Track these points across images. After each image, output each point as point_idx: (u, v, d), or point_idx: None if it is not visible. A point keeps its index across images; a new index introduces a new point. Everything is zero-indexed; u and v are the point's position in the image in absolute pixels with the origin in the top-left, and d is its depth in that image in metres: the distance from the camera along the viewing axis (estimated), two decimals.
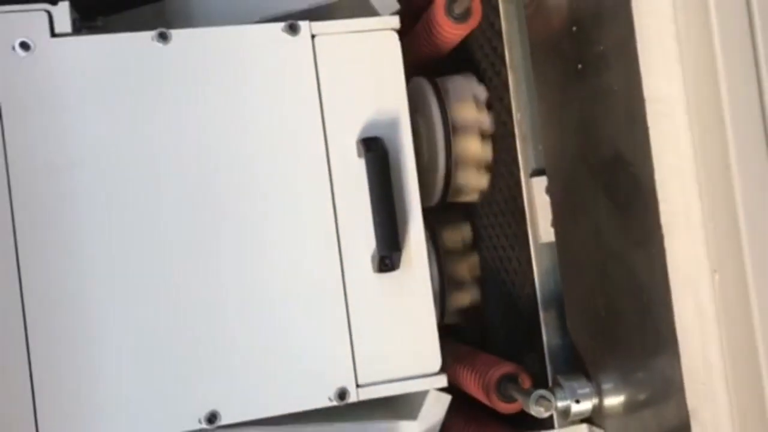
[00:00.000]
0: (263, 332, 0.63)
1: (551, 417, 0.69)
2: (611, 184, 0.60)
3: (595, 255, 0.64)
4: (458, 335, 0.91)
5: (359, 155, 0.63)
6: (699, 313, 0.54)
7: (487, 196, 0.81)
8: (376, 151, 0.61)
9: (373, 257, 0.65)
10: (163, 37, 0.62)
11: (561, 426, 0.70)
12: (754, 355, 0.52)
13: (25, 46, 0.59)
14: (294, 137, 0.64)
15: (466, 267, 0.86)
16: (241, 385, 0.63)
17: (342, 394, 0.63)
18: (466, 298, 0.86)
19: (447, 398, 0.73)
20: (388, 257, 0.63)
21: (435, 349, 0.67)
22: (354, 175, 0.64)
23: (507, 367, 0.74)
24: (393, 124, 0.64)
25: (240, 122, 0.63)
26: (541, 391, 0.67)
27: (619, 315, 0.62)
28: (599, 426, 0.68)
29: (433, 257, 0.82)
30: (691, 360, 0.54)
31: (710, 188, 0.53)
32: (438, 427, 0.72)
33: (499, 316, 0.83)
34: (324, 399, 0.63)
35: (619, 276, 0.61)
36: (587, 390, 0.67)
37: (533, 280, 0.74)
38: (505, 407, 0.73)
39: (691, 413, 0.54)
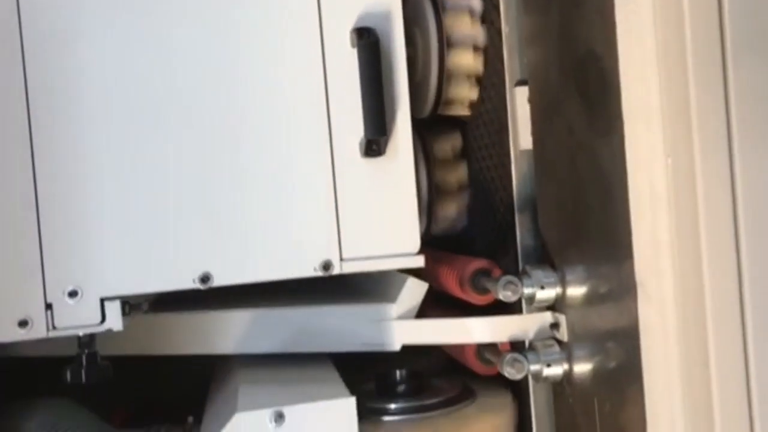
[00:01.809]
0: (256, 204, 0.69)
1: (519, 303, 0.75)
2: (582, 80, 0.65)
3: (566, 151, 0.70)
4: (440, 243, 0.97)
5: (352, 45, 0.69)
6: (652, 194, 0.59)
7: (474, 107, 0.86)
8: (368, 39, 0.66)
9: (360, 143, 0.70)
10: None
11: (528, 312, 0.76)
12: (697, 234, 0.58)
13: None
14: (288, 25, 0.69)
15: (455, 177, 0.91)
16: (233, 251, 0.68)
17: (326, 265, 0.69)
18: (453, 207, 0.91)
19: (424, 285, 0.79)
20: (375, 142, 0.69)
21: (414, 232, 0.73)
22: (347, 65, 0.69)
23: (481, 263, 0.79)
24: (386, 17, 0.69)
25: (232, 7, 0.68)
26: (509, 277, 0.72)
27: (585, 205, 0.68)
28: (561, 313, 0.73)
29: (423, 166, 0.87)
30: (642, 237, 0.59)
31: (668, 81, 0.58)
32: (414, 312, 0.78)
33: (478, 223, 0.89)
34: (309, 269, 0.69)
35: (586, 166, 0.66)
36: (552, 279, 0.73)
37: (511, 184, 0.79)
38: (478, 298, 0.79)
39: (638, 285, 0.60)
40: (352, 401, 0.69)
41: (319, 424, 0.69)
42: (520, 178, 0.79)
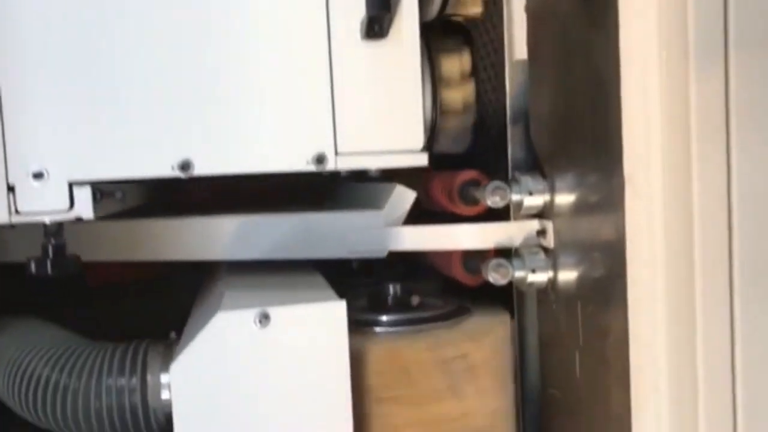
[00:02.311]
0: (244, 90, 0.65)
1: (508, 210, 0.75)
2: None
3: (560, 54, 0.69)
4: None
5: None
6: (645, 87, 0.58)
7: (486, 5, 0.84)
8: None
9: (361, 22, 0.66)
10: None
11: (515, 218, 0.75)
12: (688, 128, 0.58)
13: None
14: None
15: (461, 96, 0.89)
16: (217, 137, 0.64)
17: (320, 158, 0.66)
18: (457, 126, 0.89)
19: (412, 194, 0.78)
20: (376, 21, 0.63)
21: (418, 126, 0.69)
22: None
23: (469, 173, 0.79)
24: None
25: None
26: (497, 182, 0.72)
27: (577, 110, 0.67)
28: (549, 220, 0.73)
29: (428, 81, 0.84)
30: (633, 131, 0.59)
31: None
32: (401, 220, 0.78)
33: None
34: (301, 162, 0.66)
35: (579, 68, 0.66)
36: (541, 186, 0.73)
37: (505, 96, 0.78)
38: (467, 210, 0.79)
39: (626, 179, 0.59)
40: (342, 305, 0.66)
41: (307, 328, 0.66)
42: (514, 89, 0.78)
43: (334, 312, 0.66)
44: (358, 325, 0.75)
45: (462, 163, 0.89)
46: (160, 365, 0.72)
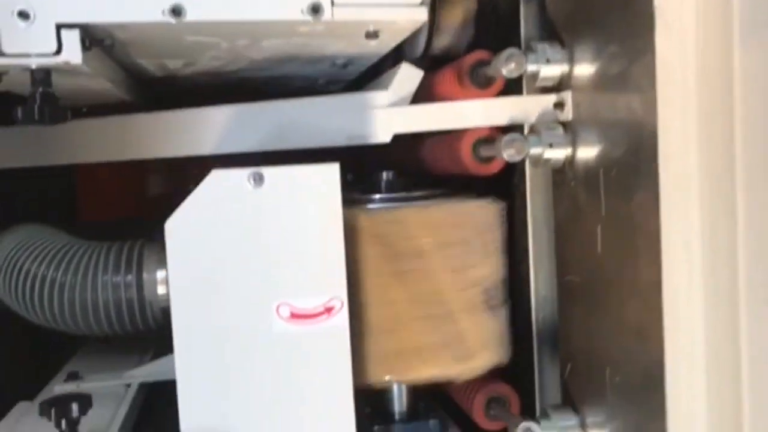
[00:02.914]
0: None
1: (520, 82, 0.70)
2: None
3: None
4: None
5: None
6: None
7: None
8: None
9: None
10: None
11: (529, 92, 0.70)
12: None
13: None
14: None
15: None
16: None
17: (315, 8, 0.62)
18: (458, 15, 0.84)
19: (419, 73, 0.73)
20: None
21: None
22: None
23: (479, 54, 0.73)
24: None
25: None
26: (512, 50, 0.67)
27: None
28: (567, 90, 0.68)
29: None
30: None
31: None
32: (408, 100, 0.73)
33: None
34: (296, 12, 0.61)
35: None
36: (559, 55, 0.68)
37: None
38: (478, 93, 0.74)
39: (656, 11, 0.54)
40: (335, 167, 0.64)
41: (301, 189, 0.64)
42: None
43: (328, 174, 0.64)
44: (352, 204, 0.72)
45: None
46: (156, 262, 0.71)
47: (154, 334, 0.75)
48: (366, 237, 0.69)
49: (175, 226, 0.63)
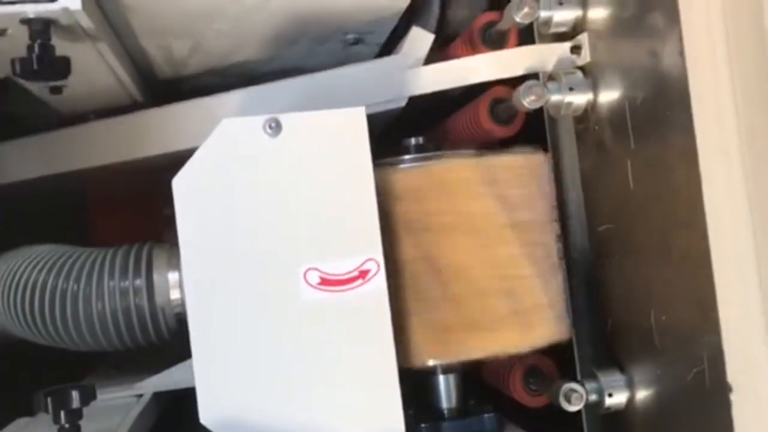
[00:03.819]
0: None
1: (533, 36, 0.69)
2: None
3: None
4: None
5: None
6: None
7: None
8: None
9: None
10: None
11: (543, 42, 0.69)
12: None
13: None
14: None
15: None
16: None
17: None
18: None
19: (430, 36, 0.72)
20: None
21: None
22: None
23: (490, 15, 0.72)
24: None
25: None
26: None
27: None
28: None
29: None
30: None
31: None
32: (420, 63, 0.72)
33: None
34: None
35: None
36: None
37: None
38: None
39: None
40: (361, 110, 0.59)
41: (323, 137, 0.58)
42: None
43: (353, 119, 0.58)
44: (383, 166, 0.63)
45: None
46: (166, 263, 0.64)
47: (166, 350, 0.70)
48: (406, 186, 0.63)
49: (183, 183, 0.57)
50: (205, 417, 0.55)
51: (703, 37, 0.53)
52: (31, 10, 0.55)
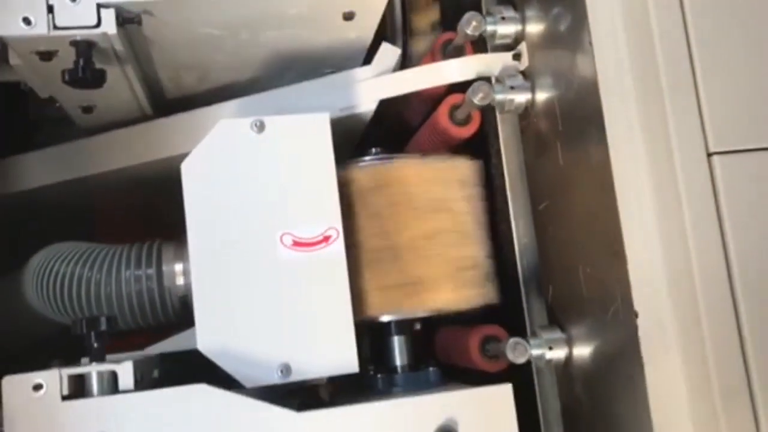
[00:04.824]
0: None
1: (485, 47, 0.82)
2: None
3: None
4: None
5: None
6: None
7: None
8: None
9: None
10: None
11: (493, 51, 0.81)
12: None
13: None
14: None
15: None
16: None
17: None
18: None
19: (397, 50, 0.85)
20: None
21: None
22: None
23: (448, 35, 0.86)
24: None
25: None
26: (473, 13, 0.79)
27: None
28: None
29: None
30: None
31: None
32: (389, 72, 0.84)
33: None
34: None
35: None
36: (512, 15, 0.79)
37: None
38: None
39: None
40: (325, 116, 0.74)
41: (297, 134, 0.74)
42: None
43: (320, 121, 0.74)
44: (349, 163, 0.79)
45: None
46: (173, 256, 0.80)
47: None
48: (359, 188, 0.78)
49: (189, 167, 0.72)
50: (203, 346, 0.68)
51: (608, 42, 0.66)
52: (78, 33, 0.71)
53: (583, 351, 0.73)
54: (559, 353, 0.75)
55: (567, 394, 0.77)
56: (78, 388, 0.68)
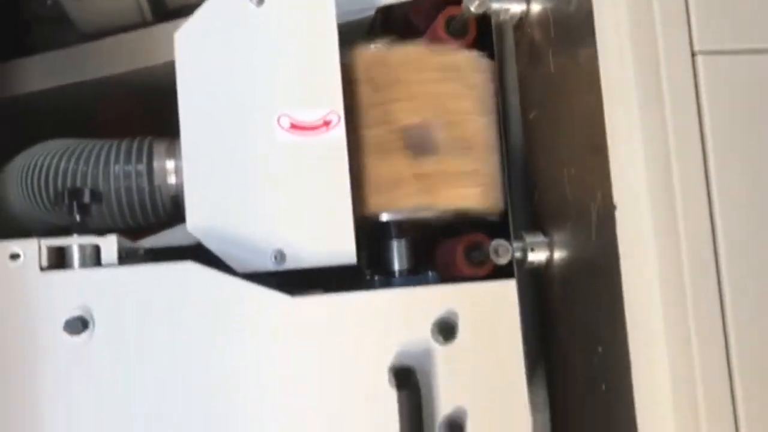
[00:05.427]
0: None
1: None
2: None
3: None
4: None
5: None
6: None
7: None
8: None
9: None
10: None
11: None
12: None
13: None
14: None
15: None
16: None
17: None
18: None
19: None
20: None
21: None
22: None
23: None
24: None
25: None
26: None
27: None
28: None
29: None
30: None
31: None
32: None
33: None
34: None
35: None
36: None
37: None
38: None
39: None
40: None
41: (298, 11, 0.71)
42: None
43: None
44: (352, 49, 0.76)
45: None
46: (165, 152, 0.77)
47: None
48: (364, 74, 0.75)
49: (184, 37, 0.69)
50: (192, 226, 0.68)
51: None
52: None
53: (563, 254, 0.75)
54: (540, 255, 0.77)
55: (546, 298, 0.80)
56: (59, 262, 0.65)
